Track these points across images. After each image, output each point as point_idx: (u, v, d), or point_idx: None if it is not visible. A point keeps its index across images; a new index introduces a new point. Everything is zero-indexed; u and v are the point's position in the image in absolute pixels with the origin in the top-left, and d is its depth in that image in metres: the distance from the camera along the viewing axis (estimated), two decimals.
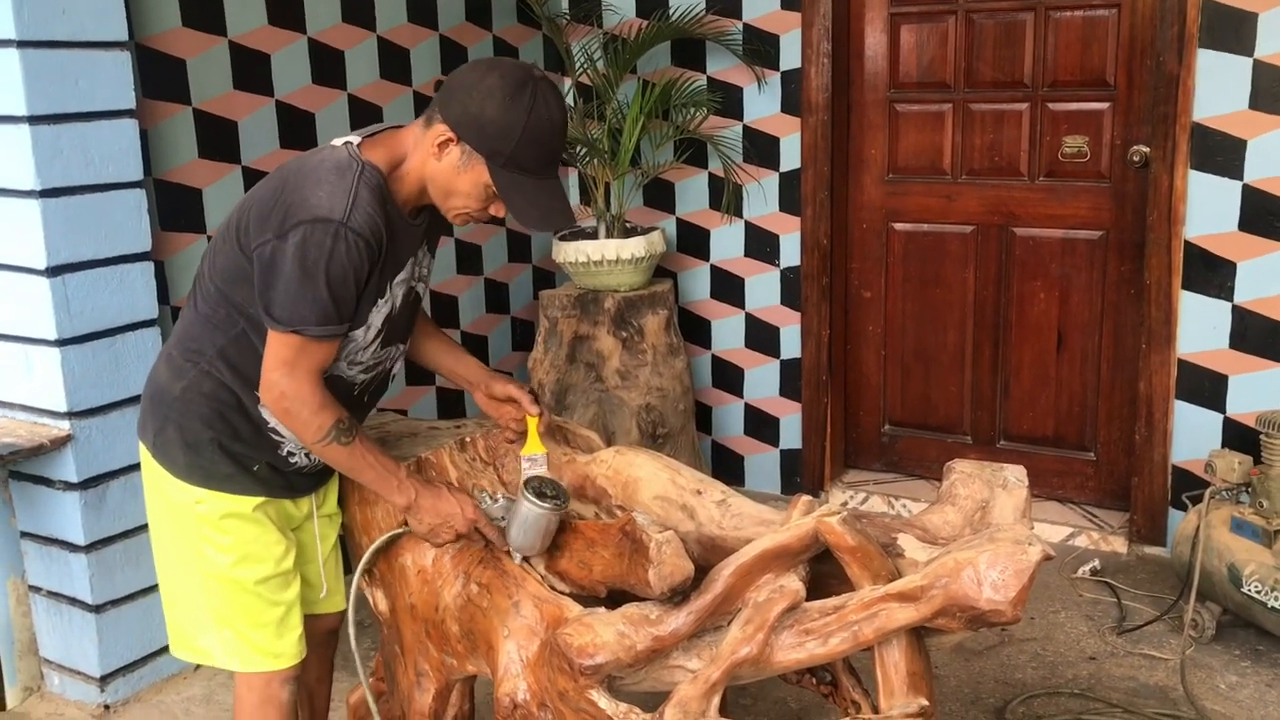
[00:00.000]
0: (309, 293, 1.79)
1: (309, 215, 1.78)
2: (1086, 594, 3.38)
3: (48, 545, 2.88)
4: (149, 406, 2.04)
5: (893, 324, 4.08)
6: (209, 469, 1.98)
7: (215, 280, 1.93)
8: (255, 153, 3.24)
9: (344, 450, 1.93)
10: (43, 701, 2.97)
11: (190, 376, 1.95)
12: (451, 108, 1.85)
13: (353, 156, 1.85)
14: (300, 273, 1.78)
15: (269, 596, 2.04)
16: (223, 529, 2.00)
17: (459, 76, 1.88)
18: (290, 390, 1.86)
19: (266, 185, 1.89)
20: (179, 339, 2.00)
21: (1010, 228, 3.82)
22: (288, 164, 1.91)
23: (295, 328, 1.81)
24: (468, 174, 1.87)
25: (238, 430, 1.97)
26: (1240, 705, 2.78)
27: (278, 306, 1.81)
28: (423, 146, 1.88)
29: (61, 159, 2.66)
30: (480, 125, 1.82)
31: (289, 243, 1.78)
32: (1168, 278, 3.44)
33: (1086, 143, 3.64)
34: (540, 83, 1.85)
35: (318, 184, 1.81)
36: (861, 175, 4.03)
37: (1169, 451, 3.54)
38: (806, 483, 4.14)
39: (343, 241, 1.78)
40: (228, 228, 1.92)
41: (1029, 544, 1.67)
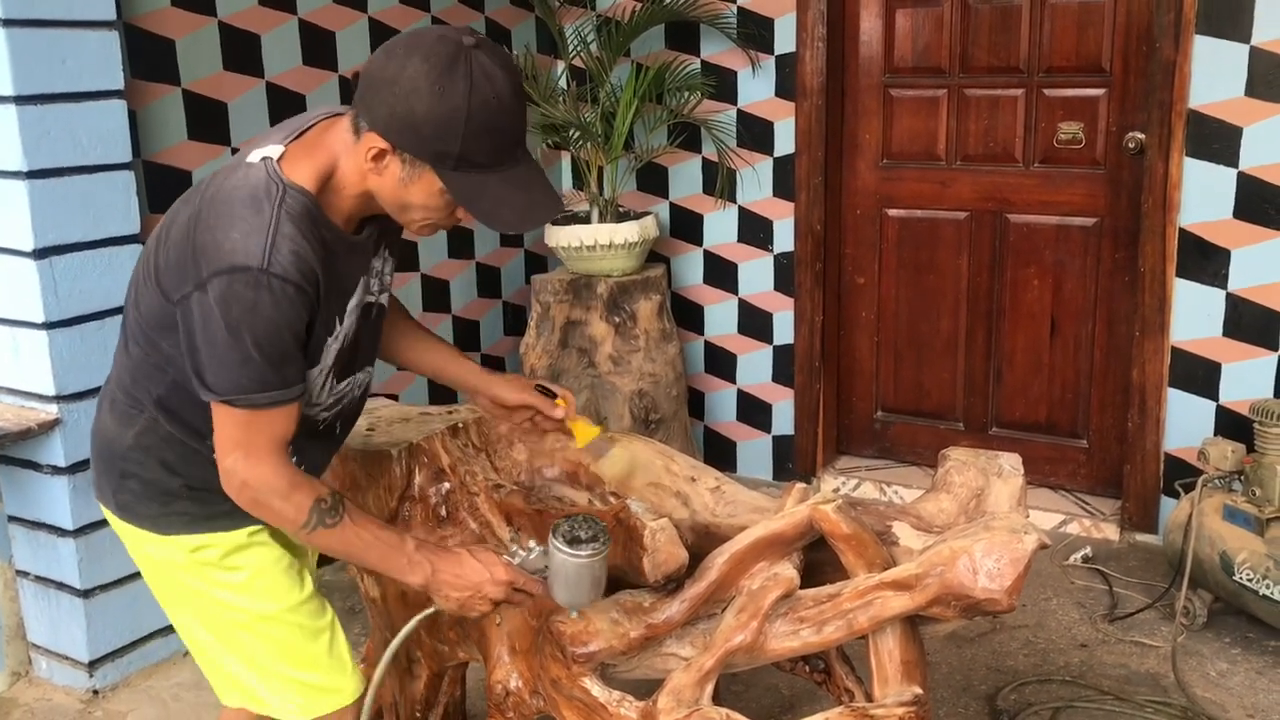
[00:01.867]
0: (237, 355, 1.49)
1: (225, 263, 1.47)
2: (1078, 581, 3.38)
3: (35, 529, 2.86)
4: (101, 465, 1.76)
5: (886, 310, 4.07)
6: (190, 512, 1.72)
7: (141, 323, 1.64)
8: (245, 134, 3.21)
9: (333, 533, 1.63)
10: (31, 687, 2.95)
11: (140, 423, 1.68)
12: (375, 109, 1.51)
13: (272, 177, 1.53)
14: (226, 333, 1.48)
15: (308, 625, 1.78)
16: (231, 566, 1.74)
17: (375, 67, 1.52)
18: (252, 478, 1.57)
19: (181, 215, 1.57)
20: (118, 382, 1.72)
21: (1004, 214, 3.81)
22: (203, 185, 1.59)
23: (233, 399, 1.53)
24: (416, 185, 1.55)
25: (208, 475, 1.64)
26: (1231, 692, 2.79)
27: (209, 373, 1.52)
28: (354, 158, 1.56)
29: (49, 140, 2.62)
30: (413, 127, 1.49)
31: (209, 296, 1.48)
32: (1162, 265, 3.43)
33: (1082, 129, 3.63)
34: (474, 53, 1.49)
35: (231, 221, 1.49)
36: (856, 160, 4.01)
37: (1162, 439, 3.54)
38: (799, 469, 4.14)
39: (266, 291, 1.47)
40: (147, 262, 1.62)
41: (1024, 532, 1.66)
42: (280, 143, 1.58)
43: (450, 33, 1.52)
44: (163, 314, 1.57)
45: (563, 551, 1.68)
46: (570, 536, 1.68)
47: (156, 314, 1.59)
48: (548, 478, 2.21)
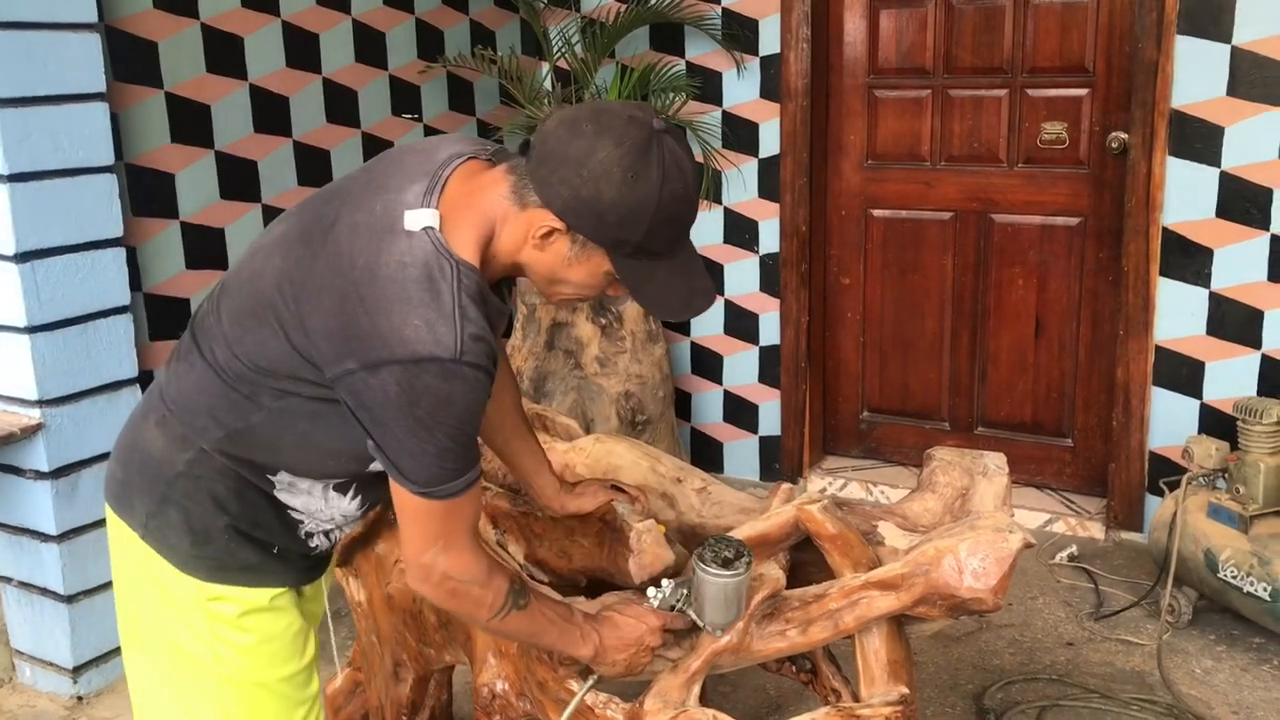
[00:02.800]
0: (433, 448, 1.40)
1: (407, 353, 1.36)
2: (1064, 580, 3.39)
3: (18, 535, 2.84)
4: (137, 479, 1.59)
5: (871, 311, 4.08)
6: (222, 560, 1.58)
7: (243, 359, 1.50)
8: (228, 138, 3.20)
9: (524, 615, 1.57)
10: (14, 693, 2.94)
11: (196, 449, 1.55)
12: (555, 189, 1.41)
13: (441, 251, 1.40)
14: (414, 424, 1.39)
15: (293, 695, 1.69)
16: (242, 627, 1.61)
17: (557, 143, 1.42)
18: (454, 568, 1.50)
19: (320, 276, 1.43)
20: (178, 400, 1.56)
21: (989, 214, 3.82)
22: (340, 240, 1.44)
23: (432, 491, 1.43)
24: (582, 265, 1.48)
25: (258, 514, 1.58)
26: (1215, 689, 2.80)
27: (400, 462, 1.43)
28: (516, 230, 1.46)
29: (29, 143, 2.61)
30: (597, 214, 1.41)
31: (383, 381, 1.37)
32: (1145, 264, 3.44)
33: (1065, 129, 3.64)
34: (664, 138, 1.42)
35: (407, 306, 1.37)
36: (840, 161, 4.02)
37: (1146, 438, 3.56)
38: (785, 469, 4.14)
39: (460, 381, 1.38)
40: (261, 304, 1.47)
41: (1010, 532, 1.67)
42: (428, 205, 1.44)
43: (639, 114, 1.44)
44: (289, 365, 1.46)
45: (721, 575, 1.67)
46: (721, 559, 1.68)
47: (278, 362, 1.47)
48: None
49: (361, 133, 3.62)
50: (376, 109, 3.67)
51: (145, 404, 1.64)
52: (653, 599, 1.72)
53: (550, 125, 1.45)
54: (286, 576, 1.65)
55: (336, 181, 1.59)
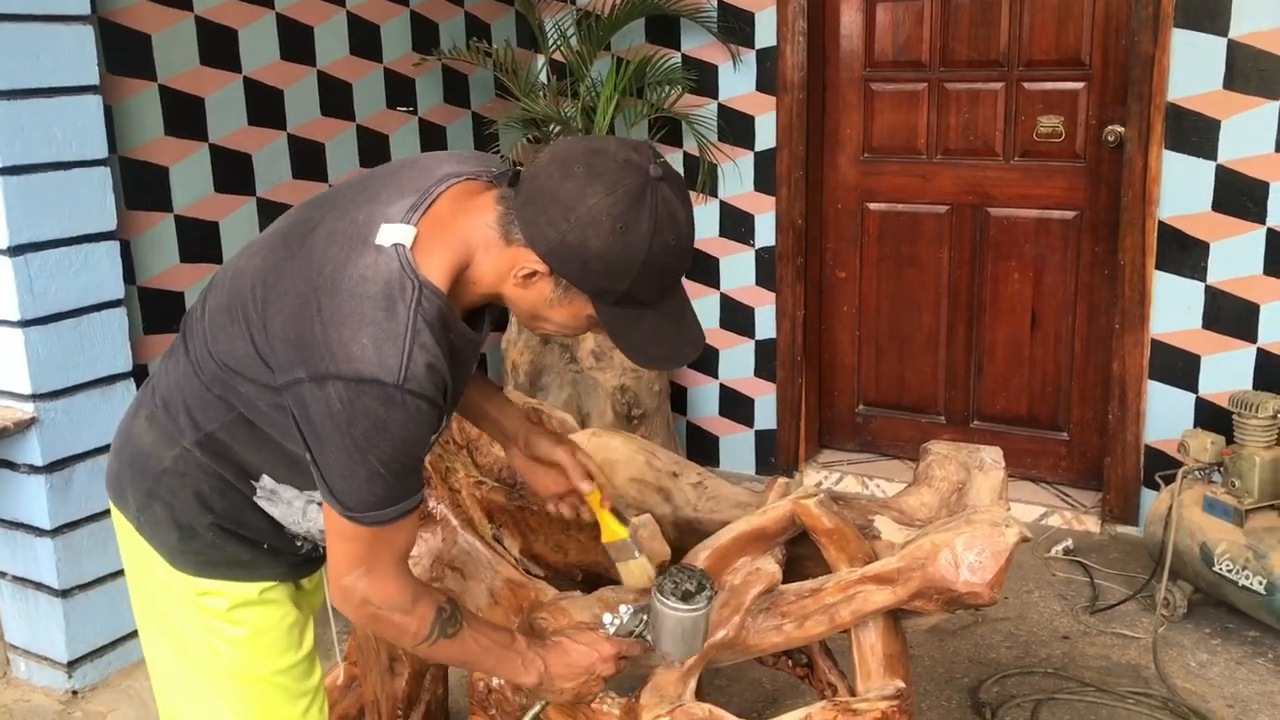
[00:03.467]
0: (362, 471, 1.36)
1: (351, 371, 1.32)
2: (1060, 574, 3.39)
3: (12, 529, 2.83)
4: (129, 473, 1.60)
5: (867, 304, 4.07)
6: (209, 555, 1.58)
7: (216, 358, 1.48)
8: (223, 130, 3.19)
9: (453, 643, 1.54)
10: (9, 688, 2.93)
11: (180, 447, 1.54)
12: (541, 231, 1.36)
13: (406, 271, 1.35)
14: (349, 445, 1.34)
15: (293, 687, 1.67)
16: (233, 620, 1.61)
17: (548, 181, 1.36)
18: (374, 595, 1.46)
19: (288, 278, 1.40)
20: (166, 397, 1.56)
21: (985, 208, 3.82)
22: (316, 247, 1.40)
23: (358, 516, 1.39)
24: (564, 308, 1.43)
25: (242, 514, 1.57)
26: (1210, 683, 2.80)
27: (332, 482, 1.39)
28: (500, 265, 1.41)
29: (23, 136, 2.59)
30: (582, 261, 1.36)
31: (328, 395, 1.33)
32: (1141, 258, 3.44)
33: (1061, 123, 3.64)
34: (659, 186, 1.36)
35: (359, 322, 1.33)
36: (836, 155, 4.01)
37: (1142, 431, 3.56)
38: (781, 463, 4.14)
39: (399, 409, 1.33)
40: (234, 302, 1.46)
41: (1006, 526, 1.67)
42: (409, 221, 1.39)
43: (636, 158, 1.37)
44: (251, 367, 1.43)
45: (678, 610, 1.63)
46: (681, 592, 1.64)
47: (242, 363, 1.44)
48: None
49: (356, 125, 3.61)
50: (371, 102, 3.66)
51: (139, 397, 1.64)
52: (609, 626, 1.69)
53: (543, 161, 1.39)
54: (278, 570, 1.63)
55: (338, 184, 1.55)
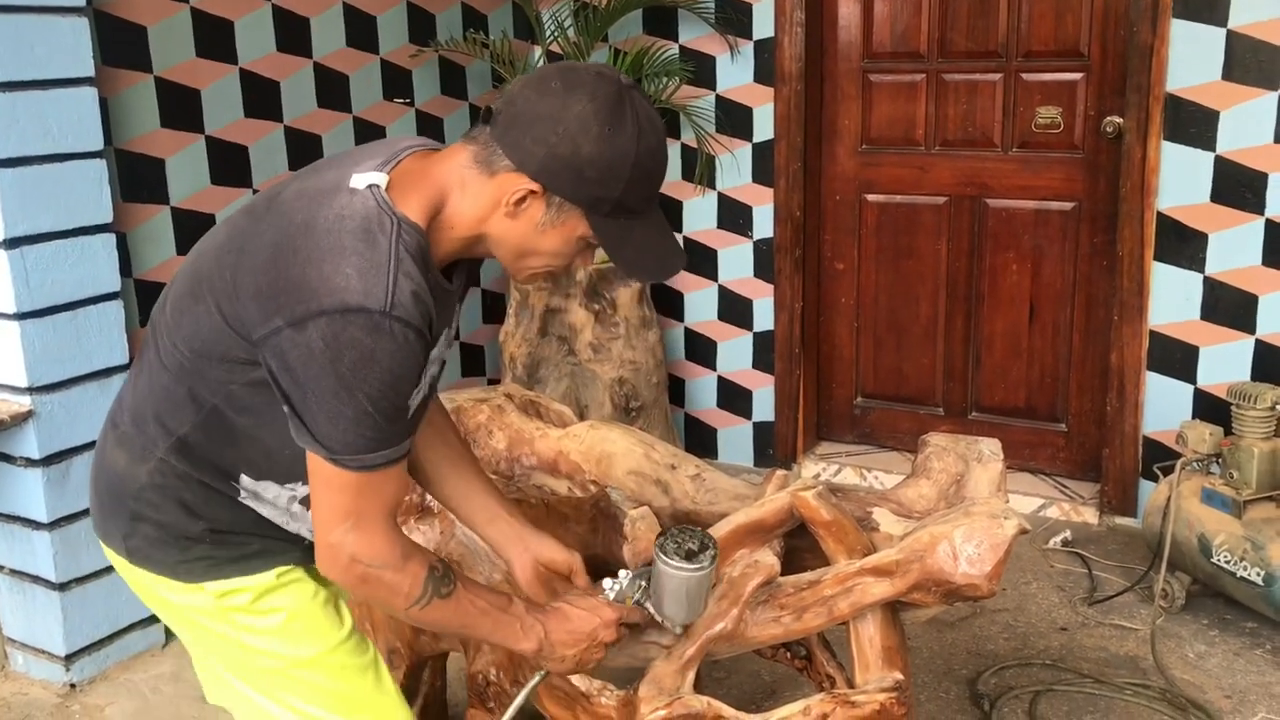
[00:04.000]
0: (350, 411, 1.31)
1: (335, 303, 1.29)
2: (1058, 565, 3.39)
3: (10, 523, 2.82)
4: (108, 506, 1.53)
5: (865, 296, 4.07)
6: (214, 556, 1.51)
7: (181, 346, 1.43)
8: (219, 122, 3.18)
9: (448, 604, 1.47)
10: (7, 681, 2.93)
11: (154, 459, 1.47)
12: (528, 150, 1.36)
13: (382, 207, 1.34)
14: (335, 383, 1.30)
15: (351, 663, 1.59)
16: (262, 610, 1.53)
17: (526, 104, 1.38)
18: (362, 550, 1.39)
19: (260, 237, 1.37)
20: (133, 413, 1.50)
21: (983, 199, 3.81)
22: (285, 204, 1.39)
23: (345, 459, 1.34)
24: (556, 230, 1.42)
25: (234, 517, 1.51)
26: (1208, 674, 2.80)
27: (317, 426, 1.34)
28: (482, 199, 1.40)
29: (18, 128, 2.58)
30: (576, 170, 1.36)
31: (309, 337, 1.29)
32: (1140, 249, 3.44)
33: (1060, 114, 3.63)
34: (633, 93, 1.40)
35: (340, 254, 1.30)
36: (835, 146, 4.00)
37: (1140, 423, 3.56)
38: (779, 455, 4.14)
39: (387, 337, 1.30)
40: (199, 281, 1.42)
41: (1004, 518, 1.66)
42: (379, 170, 1.39)
43: (606, 71, 1.41)
44: (221, 342, 1.38)
45: (682, 569, 1.58)
46: (684, 551, 1.59)
47: (210, 340, 1.39)
48: (527, 466, 2.20)
49: (353, 117, 3.60)
50: (368, 93, 3.65)
51: (105, 429, 1.56)
52: (609, 591, 1.64)
53: (516, 88, 1.41)
54: (291, 555, 1.55)
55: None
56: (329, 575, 1.44)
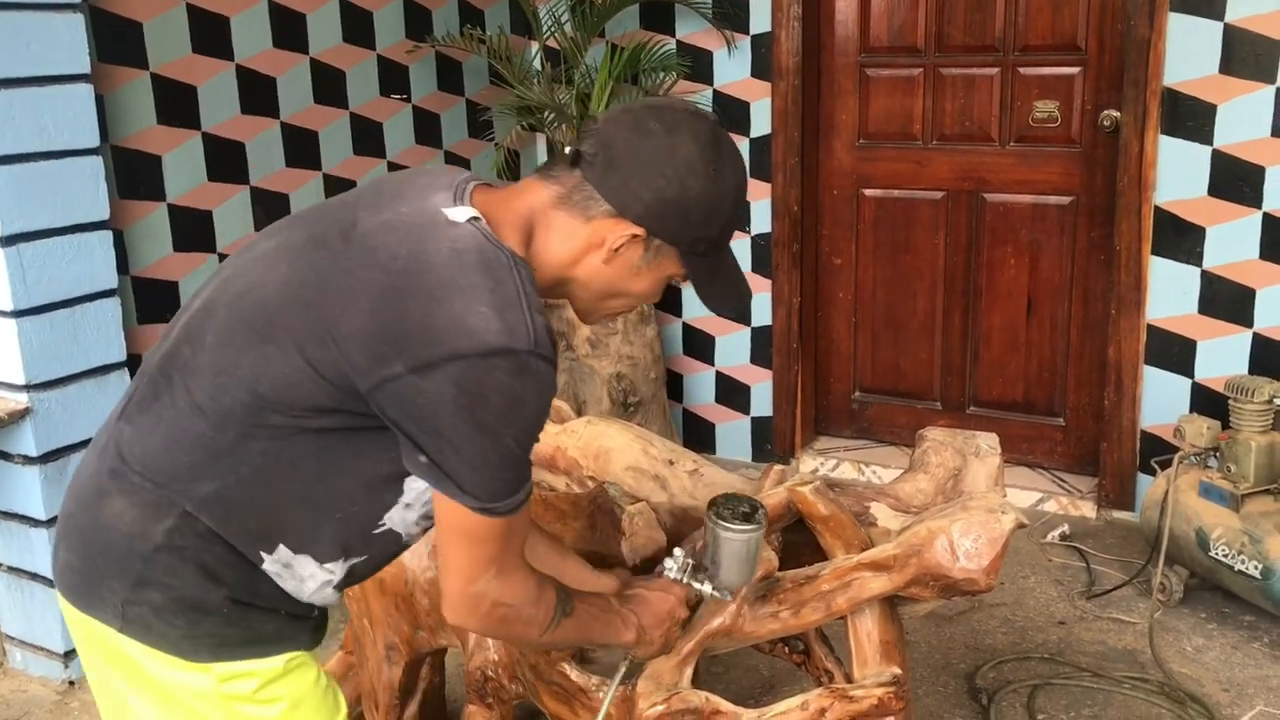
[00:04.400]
0: (494, 456, 1.24)
1: (473, 346, 1.20)
2: (1056, 559, 3.40)
3: (8, 520, 2.82)
4: (104, 567, 1.32)
5: (863, 291, 4.07)
6: (225, 635, 1.34)
7: (236, 390, 1.28)
8: (215, 119, 3.17)
9: (571, 620, 1.44)
10: (6, 678, 2.93)
11: (174, 516, 1.30)
12: (635, 194, 1.33)
13: (491, 242, 1.27)
14: (476, 430, 1.22)
15: None
16: (267, 699, 1.38)
17: (626, 146, 1.34)
18: (506, 594, 1.34)
19: (351, 275, 1.26)
20: (148, 460, 1.31)
21: (981, 193, 3.81)
22: (371, 238, 1.28)
23: (495, 506, 1.27)
24: (649, 273, 1.40)
25: (257, 584, 1.34)
26: (1207, 667, 2.81)
27: (459, 475, 1.25)
28: (573, 243, 1.35)
29: (13, 125, 2.58)
30: (683, 213, 1.34)
31: (437, 385, 1.20)
32: (1137, 243, 3.44)
33: (1057, 108, 3.63)
34: (720, 128, 1.39)
35: (469, 292, 1.22)
36: (832, 141, 4.00)
37: (1138, 416, 3.56)
38: (777, 450, 4.14)
39: (532, 378, 1.23)
40: (268, 321, 1.28)
41: (1002, 512, 1.66)
42: (456, 203, 1.31)
43: (691, 107, 1.41)
44: (299, 387, 1.25)
45: (738, 531, 1.59)
46: (740, 515, 1.60)
47: (283, 385, 1.26)
48: None
49: (350, 113, 3.59)
50: (365, 90, 3.64)
51: (95, 474, 1.35)
52: (669, 571, 1.63)
53: (610, 130, 1.36)
54: (301, 639, 1.41)
55: (329, 200, 1.45)
56: (464, 624, 1.38)
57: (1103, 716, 2.62)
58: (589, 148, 1.36)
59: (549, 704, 1.86)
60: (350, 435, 1.30)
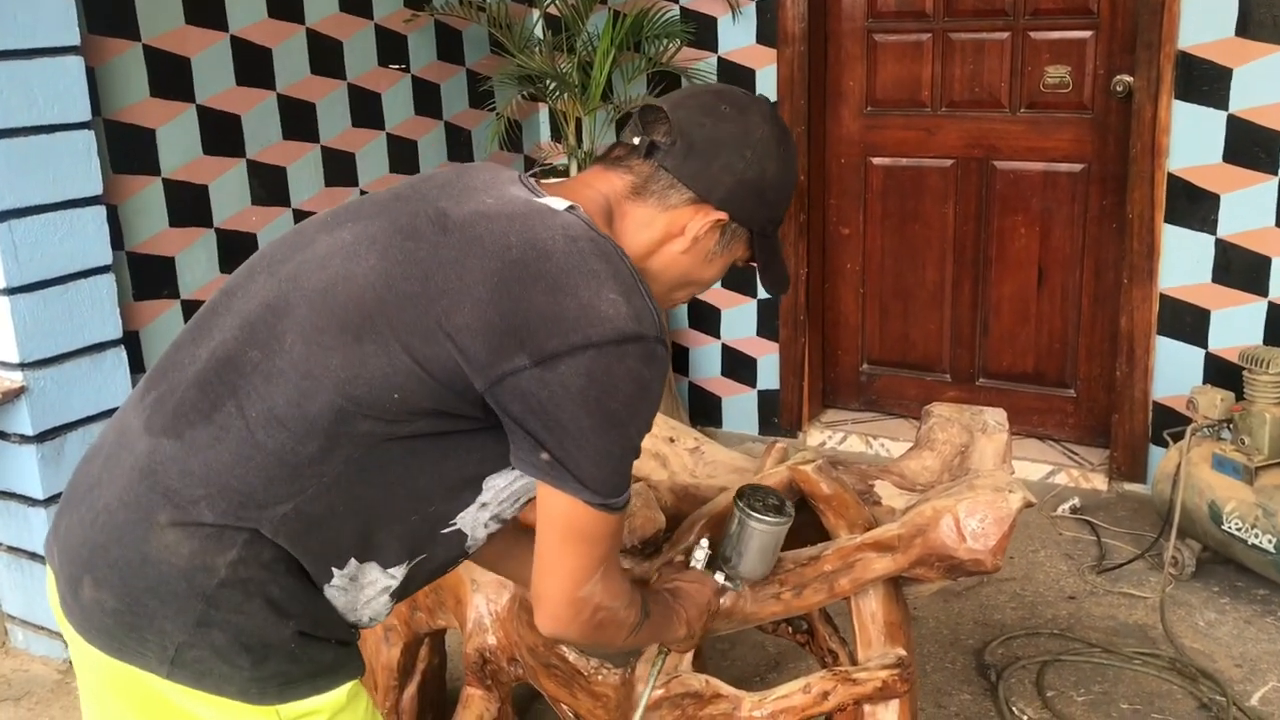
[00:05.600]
0: (617, 449, 1.20)
1: (605, 334, 1.16)
2: (1066, 533, 3.35)
3: (6, 499, 2.80)
4: (153, 604, 1.18)
5: (871, 261, 4.01)
6: (290, 672, 1.22)
7: (324, 394, 1.17)
8: (210, 90, 3.12)
9: (651, 621, 1.42)
10: (8, 657, 2.91)
11: (240, 544, 1.17)
12: (715, 179, 1.32)
13: (593, 230, 1.24)
14: (603, 421, 1.18)
15: None
16: None
17: (703, 133, 1.32)
18: (608, 597, 1.29)
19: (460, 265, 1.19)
20: (211, 481, 1.18)
21: (991, 161, 3.74)
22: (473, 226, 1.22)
23: (612, 502, 1.22)
24: (721, 259, 1.39)
25: (318, 610, 1.24)
26: (1219, 642, 2.77)
27: (581, 471, 1.19)
28: (651, 232, 1.33)
29: (2, 99, 2.53)
30: (760, 195, 1.35)
31: (564, 376, 1.15)
32: (1150, 211, 3.37)
33: (1069, 73, 3.55)
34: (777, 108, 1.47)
35: (594, 279, 1.18)
36: (839, 108, 3.93)
37: (1150, 388, 3.50)
38: (784, 423, 4.09)
39: (657, 364, 1.20)
40: (363, 318, 1.18)
41: (1009, 491, 1.62)
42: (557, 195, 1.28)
43: (748, 91, 1.42)
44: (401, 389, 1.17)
45: (768, 522, 1.57)
46: (768, 506, 1.59)
47: (382, 387, 1.17)
48: None
49: (347, 84, 3.53)
50: (363, 60, 3.58)
51: (136, 501, 1.20)
52: (696, 562, 1.63)
53: (681, 116, 1.33)
54: (354, 666, 1.30)
55: (383, 191, 1.35)
56: (561, 634, 1.32)
57: (1113, 693, 2.58)
58: (662, 135, 1.33)
59: (548, 686, 1.83)
60: (439, 439, 1.22)
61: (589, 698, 1.76)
